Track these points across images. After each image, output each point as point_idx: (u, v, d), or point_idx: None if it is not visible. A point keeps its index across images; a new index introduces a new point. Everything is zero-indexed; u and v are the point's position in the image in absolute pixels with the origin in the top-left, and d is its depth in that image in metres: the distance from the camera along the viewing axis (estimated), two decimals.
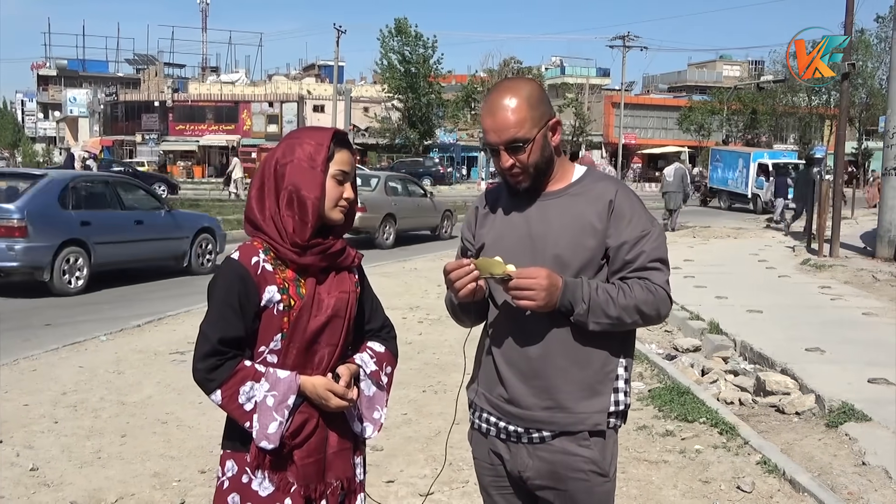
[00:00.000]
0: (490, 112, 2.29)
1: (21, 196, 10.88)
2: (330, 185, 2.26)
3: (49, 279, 10.85)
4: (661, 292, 2.30)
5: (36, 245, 10.68)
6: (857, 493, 4.56)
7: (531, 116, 2.27)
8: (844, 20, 16.23)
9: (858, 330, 8.70)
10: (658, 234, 2.35)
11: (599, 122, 62.68)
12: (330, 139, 2.27)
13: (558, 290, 2.19)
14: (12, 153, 78.92)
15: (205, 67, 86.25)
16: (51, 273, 10.82)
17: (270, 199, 2.26)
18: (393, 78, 46.85)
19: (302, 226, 2.22)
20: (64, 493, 4.47)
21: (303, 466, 2.25)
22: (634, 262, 2.29)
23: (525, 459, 2.37)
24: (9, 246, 10.51)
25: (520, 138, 2.26)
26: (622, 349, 2.36)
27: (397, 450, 5.19)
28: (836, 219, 15.82)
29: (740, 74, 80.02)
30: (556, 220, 2.32)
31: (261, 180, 2.28)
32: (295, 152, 2.25)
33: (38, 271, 10.83)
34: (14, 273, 10.90)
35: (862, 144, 52.06)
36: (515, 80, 2.41)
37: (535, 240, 2.31)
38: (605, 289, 2.25)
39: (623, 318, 2.25)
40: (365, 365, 2.37)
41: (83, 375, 6.83)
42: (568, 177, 2.40)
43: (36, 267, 10.80)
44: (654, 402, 6.20)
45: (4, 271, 10.80)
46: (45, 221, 10.87)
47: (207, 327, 2.22)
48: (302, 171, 2.23)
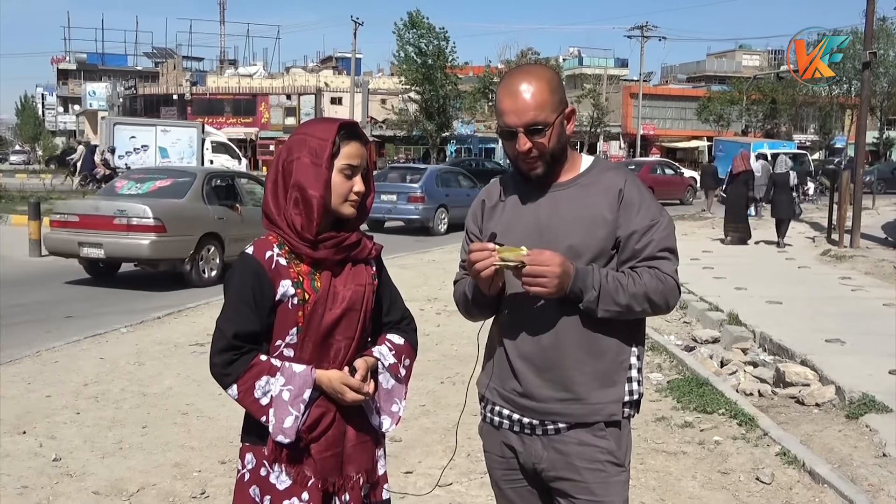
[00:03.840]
0: (510, 94, 2.27)
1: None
2: (337, 181, 2.24)
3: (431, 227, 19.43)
4: (670, 281, 2.30)
5: (428, 206, 19.35)
6: (878, 485, 4.54)
7: (551, 101, 2.26)
8: (865, 8, 16.08)
9: (879, 321, 8.64)
10: (667, 224, 2.34)
11: (617, 112, 62.31)
12: (335, 133, 2.24)
13: (570, 277, 2.19)
14: (33, 147, 79.64)
15: (223, 60, 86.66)
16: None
17: (281, 195, 2.26)
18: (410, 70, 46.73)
19: (308, 223, 2.22)
20: (86, 483, 4.52)
21: (320, 460, 2.25)
22: (644, 252, 2.29)
23: (540, 451, 2.36)
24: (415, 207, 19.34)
25: (540, 121, 2.24)
26: (634, 338, 2.36)
27: (416, 441, 5.21)
28: (857, 209, 15.69)
29: (759, 64, 79.21)
30: (567, 210, 2.32)
31: (273, 176, 2.29)
32: (301, 148, 2.24)
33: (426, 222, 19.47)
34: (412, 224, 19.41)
35: (883, 134, 51.53)
36: (534, 65, 2.41)
37: (545, 231, 2.31)
38: (615, 276, 2.25)
39: (632, 305, 2.25)
40: (383, 358, 2.36)
41: (104, 367, 6.89)
42: (576, 167, 2.40)
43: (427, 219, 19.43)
44: (672, 394, 6.19)
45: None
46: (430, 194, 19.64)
47: (223, 322, 2.23)
48: (306, 169, 2.22)
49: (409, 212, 19.44)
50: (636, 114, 59.73)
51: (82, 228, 11.03)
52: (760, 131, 54.86)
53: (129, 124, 35.36)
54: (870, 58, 16.25)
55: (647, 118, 62.34)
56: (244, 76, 69.66)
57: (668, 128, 66.08)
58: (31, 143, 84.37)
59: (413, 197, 19.52)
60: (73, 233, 11.13)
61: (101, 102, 77.30)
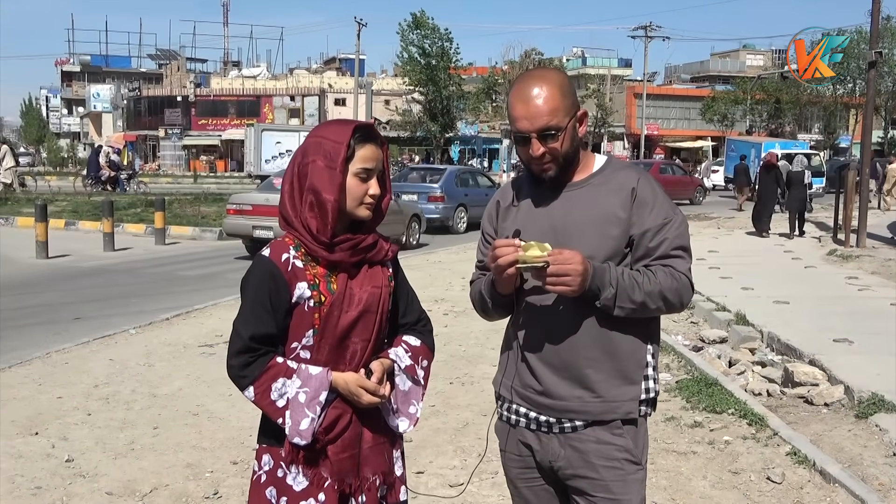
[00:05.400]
0: (522, 100, 2.28)
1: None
2: (352, 184, 2.24)
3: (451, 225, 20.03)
4: (684, 279, 2.32)
5: (448, 205, 20.12)
6: (888, 484, 4.54)
7: (563, 105, 2.27)
8: (871, 7, 16.06)
9: (887, 320, 8.62)
10: (680, 222, 2.35)
11: (621, 113, 62.26)
12: (350, 136, 2.23)
13: (589, 275, 2.20)
14: (38, 149, 79.72)
15: (226, 62, 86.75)
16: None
17: (297, 197, 2.26)
18: (413, 71, 46.74)
19: (323, 226, 2.22)
20: (99, 483, 4.55)
21: (337, 462, 2.26)
22: (657, 250, 2.30)
23: (557, 449, 2.37)
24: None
25: (553, 126, 2.26)
26: (649, 336, 2.38)
27: (426, 441, 5.22)
28: (863, 209, 15.67)
29: (763, 64, 79.13)
30: (581, 210, 2.33)
31: (290, 178, 2.29)
32: (316, 151, 2.24)
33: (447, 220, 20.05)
34: (433, 223, 19.10)
35: (888, 133, 51.44)
36: (545, 69, 2.42)
37: (559, 232, 2.32)
38: (631, 274, 2.26)
39: (647, 303, 2.26)
40: (399, 359, 2.36)
41: (114, 368, 6.92)
42: (589, 167, 2.41)
43: (447, 218, 20.08)
44: (681, 394, 6.20)
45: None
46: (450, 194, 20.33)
47: (240, 325, 2.23)
48: (321, 172, 2.21)
49: (430, 211, 19.71)
50: (640, 114, 59.65)
51: (255, 215, 14.27)
52: (765, 131, 54.80)
53: (275, 130, 41.04)
54: (875, 57, 16.21)
55: (651, 118, 62.27)
56: (248, 78, 69.79)
57: (672, 128, 66.01)
58: (36, 145, 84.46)
59: (433, 197, 20.10)
60: (248, 219, 14.46)
61: (105, 104, 77.53)
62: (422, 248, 16.53)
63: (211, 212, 22.73)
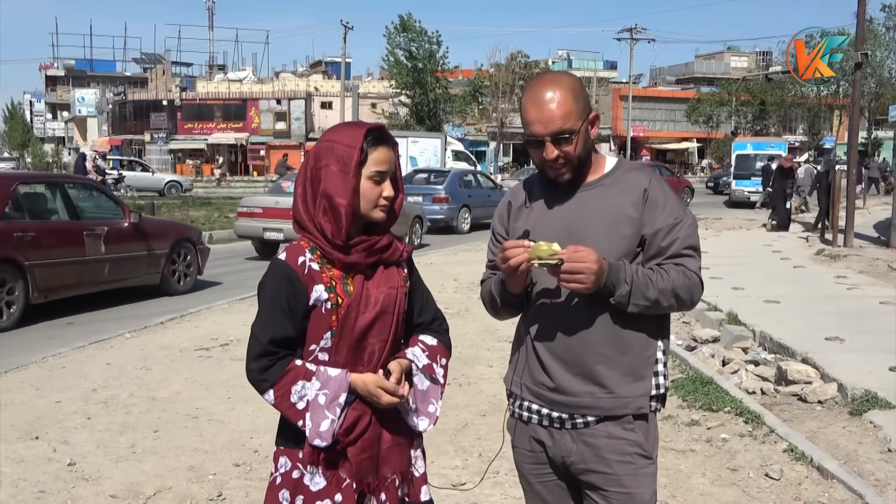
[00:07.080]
0: (536, 104, 2.31)
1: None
2: (366, 187, 2.25)
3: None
4: (696, 278, 2.37)
5: (452, 206, 20.54)
6: (885, 480, 4.61)
7: (576, 109, 2.31)
8: (857, 10, 16.21)
9: (876, 319, 8.73)
10: (691, 223, 2.41)
11: (607, 115, 62.55)
12: (362, 140, 2.25)
13: (604, 272, 2.24)
14: (22, 154, 79.19)
15: (212, 66, 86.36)
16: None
17: (311, 202, 2.27)
18: (400, 74, 46.81)
19: (338, 230, 2.23)
20: (102, 486, 4.55)
21: (356, 462, 2.27)
22: (669, 249, 2.35)
23: (569, 445, 2.41)
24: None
25: (566, 130, 2.30)
26: (660, 332, 2.42)
27: (426, 442, 5.15)
28: (850, 209, 15.83)
29: (748, 65, 79.55)
30: (594, 211, 2.37)
31: (302, 183, 2.30)
32: (329, 155, 2.25)
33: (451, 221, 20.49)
34: (437, 224, 19.75)
35: (871, 134, 51.82)
36: (557, 73, 2.45)
37: (572, 232, 2.35)
38: (644, 272, 2.31)
39: (660, 301, 2.31)
40: (417, 359, 2.38)
41: (111, 372, 6.91)
42: (601, 168, 2.45)
43: (451, 218, 20.54)
44: (677, 393, 6.25)
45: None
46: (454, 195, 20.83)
47: (258, 329, 2.25)
48: (334, 177, 2.23)
49: (435, 212, 20.10)
50: (626, 116, 59.96)
51: (266, 217, 14.68)
52: (750, 132, 55.11)
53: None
54: (861, 58, 16.36)
55: (637, 120, 62.60)
56: (234, 81, 69.50)
57: (657, 130, 66.38)
58: (20, 150, 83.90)
59: (438, 198, 20.55)
60: (258, 221, 14.90)
61: (90, 109, 77.03)
62: (416, 251, 16.51)
63: (199, 216, 22.69)
